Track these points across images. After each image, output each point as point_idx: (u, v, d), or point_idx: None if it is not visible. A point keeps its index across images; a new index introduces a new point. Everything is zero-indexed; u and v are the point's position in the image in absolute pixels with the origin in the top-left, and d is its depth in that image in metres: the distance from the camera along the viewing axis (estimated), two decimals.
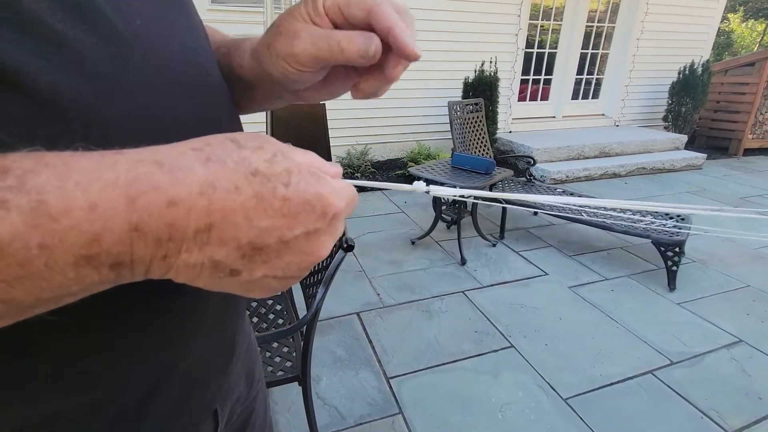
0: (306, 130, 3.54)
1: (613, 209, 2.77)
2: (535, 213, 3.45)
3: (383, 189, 4.02)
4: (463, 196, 0.37)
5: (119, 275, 0.21)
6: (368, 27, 0.31)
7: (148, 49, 0.29)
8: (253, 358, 0.53)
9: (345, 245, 1.04)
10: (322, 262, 1.25)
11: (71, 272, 0.19)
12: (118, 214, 0.19)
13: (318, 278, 1.21)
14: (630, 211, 2.73)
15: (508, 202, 2.91)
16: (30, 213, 0.17)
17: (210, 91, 0.35)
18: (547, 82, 5.48)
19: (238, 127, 0.39)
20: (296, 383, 1.21)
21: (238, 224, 0.22)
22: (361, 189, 3.96)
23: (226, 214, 0.22)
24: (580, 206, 2.82)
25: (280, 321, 1.43)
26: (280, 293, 1.56)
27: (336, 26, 0.32)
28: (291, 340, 1.34)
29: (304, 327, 1.14)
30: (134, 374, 0.32)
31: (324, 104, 3.56)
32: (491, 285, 2.42)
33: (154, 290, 0.26)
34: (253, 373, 0.52)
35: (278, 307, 1.48)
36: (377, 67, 0.34)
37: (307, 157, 0.26)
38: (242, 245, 0.23)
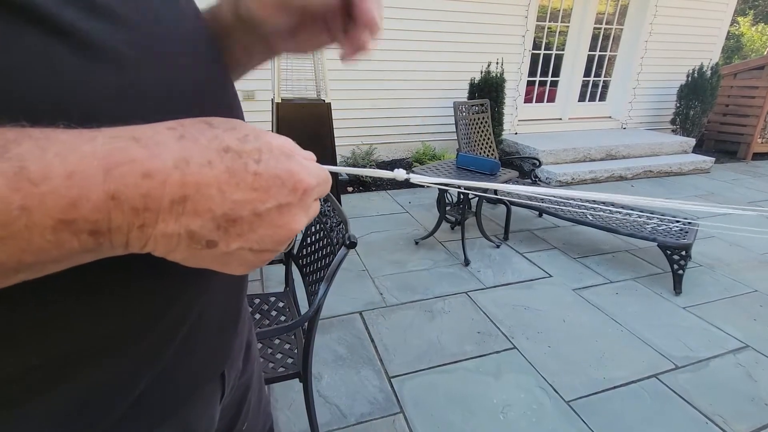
0: (311, 130, 3.55)
1: (619, 212, 2.75)
2: (540, 215, 3.43)
3: (387, 190, 4.02)
4: (461, 189, 0.38)
5: (98, 244, 0.22)
6: None
7: (156, 26, 0.31)
8: (251, 335, 0.56)
9: (348, 242, 1.04)
10: (325, 259, 1.25)
11: (50, 235, 0.20)
12: (94, 183, 0.21)
13: (320, 275, 1.21)
14: (636, 212, 2.71)
15: (512, 201, 2.90)
16: (12, 177, 0.19)
17: (212, 69, 0.37)
18: (554, 83, 5.46)
19: (239, 113, 0.41)
20: (297, 380, 1.21)
21: (212, 196, 0.24)
22: (366, 189, 3.97)
23: (200, 187, 0.23)
24: (576, 200, 2.81)
25: (282, 318, 1.43)
26: (282, 291, 1.56)
27: None
28: (293, 337, 1.34)
29: (306, 324, 1.14)
30: (160, 315, 0.34)
31: (329, 104, 3.57)
32: (494, 286, 2.41)
33: None
34: (249, 349, 0.54)
35: (280, 304, 1.49)
36: (350, 38, 0.37)
37: (281, 140, 0.28)
38: (217, 216, 0.24)
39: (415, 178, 0.37)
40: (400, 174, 0.36)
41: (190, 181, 0.23)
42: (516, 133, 5.18)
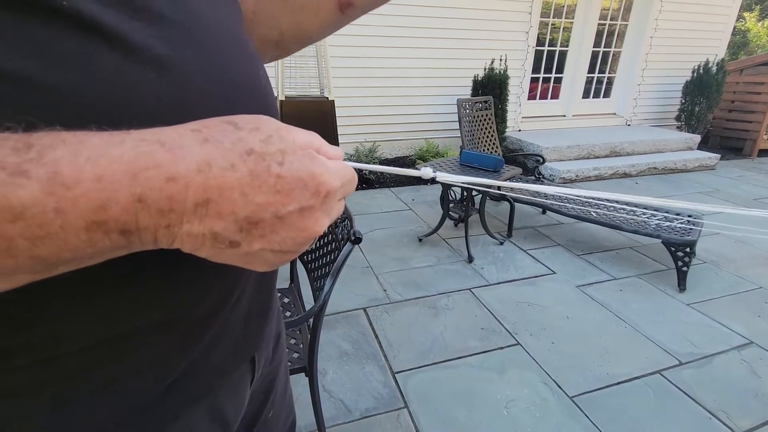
0: (314, 127, 3.52)
1: (623, 209, 2.74)
2: (544, 212, 3.43)
3: (390, 187, 4.03)
4: (472, 186, 0.37)
5: (129, 242, 0.24)
6: None
7: (206, 14, 0.33)
8: (281, 326, 0.57)
9: (353, 237, 1.05)
10: (330, 254, 1.26)
11: (84, 235, 0.22)
12: (122, 187, 0.22)
13: (326, 271, 1.22)
14: (641, 208, 2.71)
15: (516, 198, 2.90)
16: (47, 182, 0.20)
17: (251, 59, 0.38)
18: (558, 80, 5.43)
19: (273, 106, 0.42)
20: (303, 375, 1.22)
21: (234, 199, 0.24)
22: (369, 186, 3.98)
23: (223, 190, 0.24)
24: (589, 198, 2.81)
25: (288, 313, 1.44)
26: (287, 287, 1.57)
27: None
28: (298, 332, 1.36)
29: (311, 319, 1.15)
30: (198, 301, 0.35)
31: (333, 101, 3.58)
32: (498, 283, 2.42)
33: None
34: (279, 339, 0.56)
35: (286, 300, 1.50)
36: None
37: (307, 137, 0.28)
38: (239, 219, 0.25)
39: (441, 176, 0.36)
40: (426, 173, 0.35)
41: (212, 184, 0.24)
42: (519, 130, 5.17)
